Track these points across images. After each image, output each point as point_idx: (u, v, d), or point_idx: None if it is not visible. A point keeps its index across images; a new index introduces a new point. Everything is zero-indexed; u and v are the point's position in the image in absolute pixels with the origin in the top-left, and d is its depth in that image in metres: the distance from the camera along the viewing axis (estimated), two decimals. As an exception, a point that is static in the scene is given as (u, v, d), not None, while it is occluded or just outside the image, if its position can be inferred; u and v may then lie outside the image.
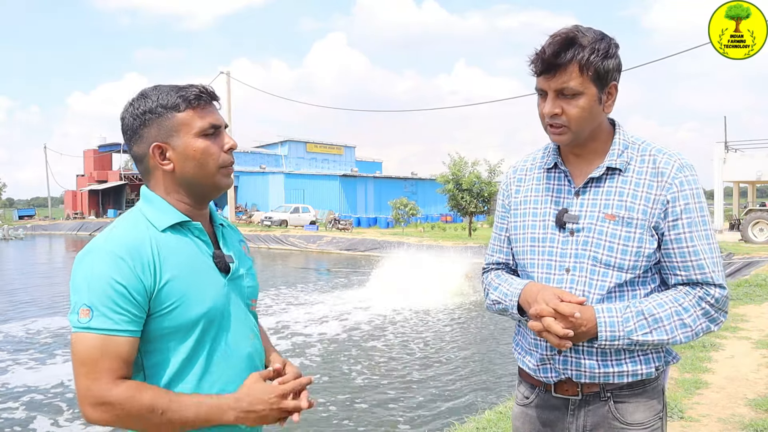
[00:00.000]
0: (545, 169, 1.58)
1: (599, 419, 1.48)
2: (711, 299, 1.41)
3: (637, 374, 1.46)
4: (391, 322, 11.13)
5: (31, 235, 39.86)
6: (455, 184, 25.47)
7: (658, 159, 1.46)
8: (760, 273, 11.74)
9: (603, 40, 1.40)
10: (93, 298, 1.20)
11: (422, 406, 6.63)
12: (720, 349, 5.82)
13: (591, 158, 1.51)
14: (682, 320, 1.40)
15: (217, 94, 1.38)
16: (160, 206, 1.32)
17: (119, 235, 1.26)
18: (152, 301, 1.23)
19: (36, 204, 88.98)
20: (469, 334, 10.45)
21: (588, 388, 1.48)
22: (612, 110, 1.48)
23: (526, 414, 1.60)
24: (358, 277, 16.78)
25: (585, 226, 1.47)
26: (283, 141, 46.21)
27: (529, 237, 1.55)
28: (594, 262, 1.45)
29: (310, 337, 9.87)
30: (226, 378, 1.31)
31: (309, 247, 27.03)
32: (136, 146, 1.34)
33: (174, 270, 1.26)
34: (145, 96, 1.33)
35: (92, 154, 51.95)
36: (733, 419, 3.97)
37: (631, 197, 1.44)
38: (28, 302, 13.33)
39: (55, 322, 10.84)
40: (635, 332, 1.38)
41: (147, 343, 1.26)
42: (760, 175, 23.87)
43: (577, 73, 1.38)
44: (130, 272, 1.21)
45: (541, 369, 1.53)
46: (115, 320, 1.20)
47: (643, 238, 1.43)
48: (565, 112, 1.42)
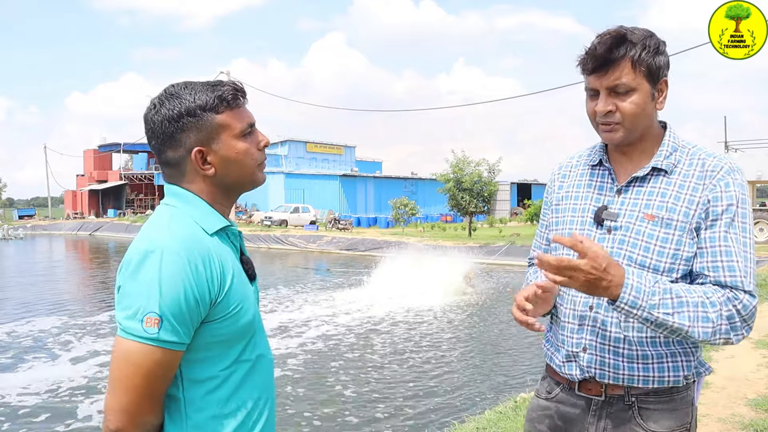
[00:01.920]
0: (590, 165, 1.56)
1: (621, 423, 1.44)
2: (739, 304, 1.34)
3: (664, 380, 1.42)
4: (390, 322, 11.12)
5: (31, 235, 39.84)
6: (456, 183, 25.45)
7: (707, 162, 1.43)
8: (760, 273, 11.74)
9: (652, 37, 1.40)
10: (164, 306, 1.12)
11: (421, 405, 6.63)
12: (720, 349, 5.82)
13: (638, 158, 1.48)
14: (707, 313, 1.32)
15: (245, 91, 1.32)
16: (205, 209, 1.26)
17: (187, 237, 1.17)
18: (214, 308, 1.18)
19: (36, 204, 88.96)
20: (469, 333, 10.45)
21: (612, 389, 1.45)
22: (664, 107, 1.46)
23: (545, 407, 1.57)
24: (357, 277, 16.78)
25: (623, 224, 1.44)
26: (283, 141, 46.19)
27: (566, 232, 1.52)
28: (629, 261, 1.42)
29: (310, 336, 9.88)
30: (260, 385, 1.30)
31: (309, 247, 27.03)
32: (171, 151, 1.24)
33: (232, 276, 1.22)
34: (177, 96, 1.24)
35: (92, 154, 51.95)
36: (733, 419, 3.97)
37: (673, 198, 1.41)
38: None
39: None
40: (657, 308, 1.30)
41: (193, 352, 1.19)
42: (760, 175, 23.87)
43: (629, 69, 1.37)
44: (203, 280, 1.15)
45: (566, 366, 1.51)
46: (181, 333, 1.14)
47: (681, 241, 1.39)
48: (619, 109, 1.40)
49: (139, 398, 1.14)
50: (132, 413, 1.14)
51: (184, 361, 1.19)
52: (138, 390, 1.13)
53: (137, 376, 1.13)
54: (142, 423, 1.16)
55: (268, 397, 1.32)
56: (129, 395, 1.13)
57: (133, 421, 1.14)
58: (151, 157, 51.56)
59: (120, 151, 51.09)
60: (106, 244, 31.76)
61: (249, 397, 1.27)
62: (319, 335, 10.04)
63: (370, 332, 10.36)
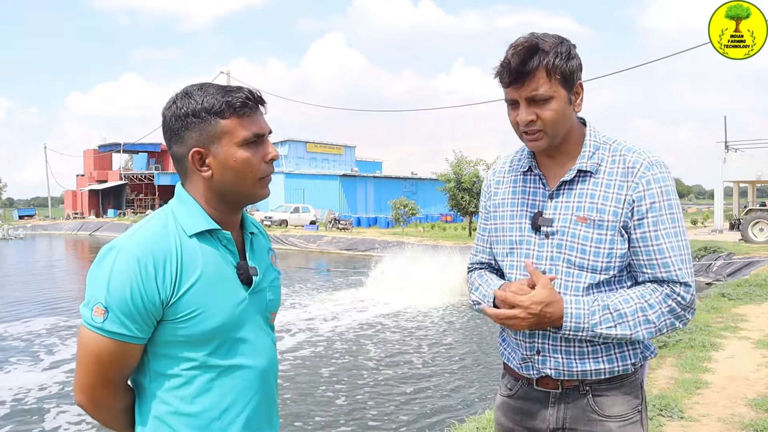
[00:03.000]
0: (521, 172, 1.61)
1: (578, 412, 1.52)
2: (678, 297, 1.43)
3: (614, 371, 1.50)
4: (389, 322, 11.13)
5: (31, 235, 39.85)
6: (456, 183, 25.47)
7: (627, 158, 1.47)
8: (760, 273, 11.74)
9: (563, 43, 1.43)
10: (110, 299, 1.18)
11: (420, 404, 6.63)
12: (720, 349, 5.82)
13: (564, 161, 1.53)
14: (647, 316, 1.42)
15: (264, 99, 1.31)
16: (193, 210, 1.28)
17: (146, 238, 1.22)
18: (167, 309, 1.21)
19: (36, 204, 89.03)
20: (468, 333, 10.45)
21: (568, 382, 1.53)
22: (581, 109, 1.51)
23: (508, 404, 1.65)
24: (357, 278, 16.78)
25: (558, 229, 1.50)
26: (283, 141, 46.19)
27: (507, 240, 1.59)
28: (568, 264, 1.49)
29: (311, 336, 9.88)
30: (237, 391, 1.28)
31: (309, 247, 27.04)
32: (177, 147, 1.28)
33: (195, 280, 1.22)
34: (189, 96, 1.26)
35: (92, 154, 51.97)
36: (733, 419, 3.97)
37: (601, 199, 1.47)
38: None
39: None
40: (599, 325, 1.42)
41: (157, 346, 1.24)
42: (760, 175, 23.85)
43: (545, 79, 1.41)
44: (151, 280, 1.18)
45: (524, 367, 1.59)
46: (128, 327, 1.19)
47: (614, 240, 1.46)
48: (539, 117, 1.44)
49: (93, 380, 1.23)
50: (88, 393, 1.25)
51: (151, 354, 1.25)
52: (91, 372, 1.23)
53: (88, 359, 1.22)
54: (99, 403, 1.26)
55: (245, 408, 1.29)
56: (84, 376, 1.24)
57: (90, 400, 1.26)
58: (151, 156, 51.59)
59: (120, 151, 51.11)
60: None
61: (218, 402, 1.26)
62: (319, 335, 10.04)
63: (369, 331, 10.37)
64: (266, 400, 1.36)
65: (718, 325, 6.95)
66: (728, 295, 9.09)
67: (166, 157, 49.70)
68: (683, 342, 6.01)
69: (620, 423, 1.51)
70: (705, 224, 32.77)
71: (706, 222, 34.17)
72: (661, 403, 4.15)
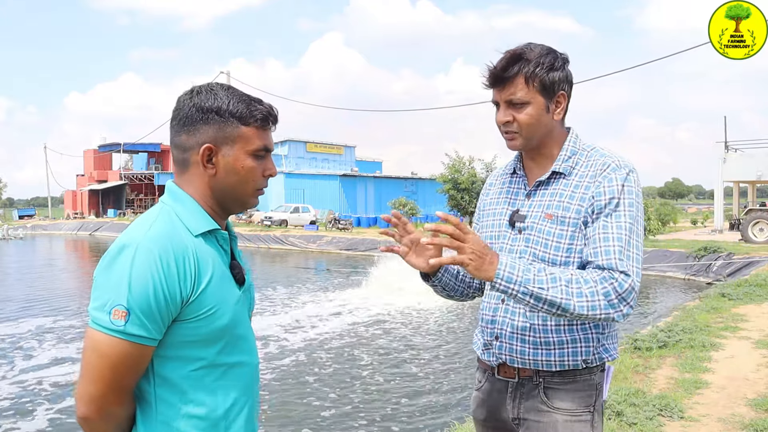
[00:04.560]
0: (509, 174, 1.75)
1: (531, 402, 1.61)
2: (614, 282, 1.45)
3: (564, 364, 1.58)
4: (389, 322, 11.13)
5: (31, 235, 39.85)
6: (453, 185, 25.47)
7: (598, 162, 1.58)
8: (760, 273, 11.73)
9: (549, 55, 1.55)
10: (132, 300, 1.14)
11: (419, 404, 6.63)
12: (720, 349, 5.83)
13: (544, 163, 1.65)
14: (580, 289, 1.44)
15: (278, 118, 1.35)
16: (193, 209, 1.28)
17: (162, 235, 1.19)
18: (186, 308, 1.20)
19: (36, 204, 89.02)
20: (466, 332, 10.44)
21: (523, 372, 1.62)
22: (561, 117, 1.61)
23: (478, 397, 1.76)
24: (357, 278, 16.78)
25: (529, 225, 1.61)
26: (283, 141, 46.19)
27: (488, 235, 1.72)
28: (533, 257, 1.59)
29: (312, 335, 9.89)
30: (237, 391, 1.30)
31: (309, 247, 27.03)
32: (186, 136, 1.28)
33: (210, 278, 1.23)
34: (214, 93, 1.29)
35: (92, 153, 51.97)
36: (733, 419, 3.97)
37: (568, 198, 1.57)
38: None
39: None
40: (532, 282, 1.42)
41: (166, 348, 1.21)
42: (760, 175, 23.86)
43: (523, 85, 1.54)
44: (173, 277, 1.16)
45: (485, 353, 1.70)
46: (148, 328, 1.16)
47: (574, 236, 1.55)
48: (516, 119, 1.57)
49: (106, 389, 1.17)
50: (99, 403, 1.17)
51: (156, 357, 1.21)
52: (105, 381, 1.16)
53: (104, 366, 1.16)
54: (108, 413, 1.19)
55: (245, 404, 1.31)
56: (96, 385, 1.17)
57: (99, 410, 1.18)
58: (151, 156, 51.60)
59: (120, 151, 51.10)
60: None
61: (222, 401, 1.27)
62: (318, 336, 10.04)
63: (368, 331, 10.36)
64: (257, 397, 1.40)
65: (718, 325, 6.95)
66: (728, 295, 9.10)
67: (166, 157, 49.72)
68: (683, 342, 6.01)
69: (567, 417, 1.57)
70: (705, 224, 32.79)
71: (706, 222, 34.18)
72: (661, 403, 4.16)
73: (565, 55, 1.59)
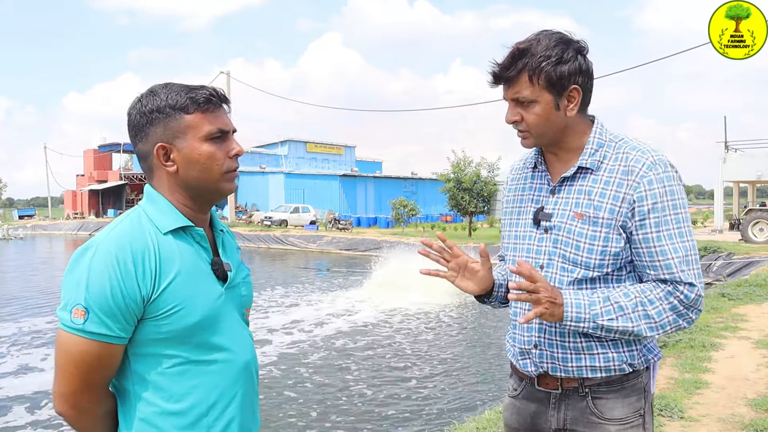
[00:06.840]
0: (530, 168, 1.64)
1: (578, 413, 1.52)
2: (680, 294, 1.42)
3: (610, 369, 1.50)
4: (388, 322, 11.13)
5: (31, 235, 39.84)
6: (456, 183, 25.44)
7: (630, 156, 1.46)
8: (760, 273, 11.73)
9: (557, 47, 1.42)
10: (90, 299, 1.16)
11: (419, 405, 6.63)
12: (720, 349, 5.82)
13: (567, 158, 1.54)
14: (646, 311, 1.41)
15: (227, 97, 1.35)
16: (164, 207, 1.29)
17: (122, 235, 1.22)
18: (148, 306, 1.21)
19: (36, 204, 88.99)
20: (466, 333, 10.45)
21: (567, 383, 1.53)
22: (575, 113, 1.47)
23: (514, 405, 1.66)
24: (357, 278, 16.78)
25: (556, 224, 1.51)
26: (283, 141, 46.19)
27: (513, 234, 1.64)
28: (563, 259, 1.50)
29: (314, 333, 9.89)
30: (223, 386, 1.29)
31: (309, 247, 27.03)
32: (141, 144, 1.30)
33: (174, 276, 1.23)
34: (154, 93, 1.30)
35: (92, 153, 51.90)
36: (733, 419, 3.97)
37: (599, 196, 1.46)
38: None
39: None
40: (601, 316, 1.41)
41: (138, 346, 1.23)
42: (760, 175, 23.84)
43: (527, 83, 1.44)
44: (131, 277, 1.18)
45: (522, 362, 1.60)
46: (109, 326, 1.18)
47: (609, 237, 1.45)
48: (524, 118, 1.48)
49: (74, 386, 1.21)
50: (71, 400, 1.22)
51: (132, 355, 1.24)
52: (72, 378, 1.20)
53: (70, 364, 1.20)
54: (82, 408, 1.23)
55: (231, 401, 1.31)
56: (65, 382, 1.21)
57: (73, 407, 1.23)
58: (151, 157, 51.34)
59: (120, 151, 51.05)
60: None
61: (204, 398, 1.27)
62: (318, 336, 10.04)
63: (368, 330, 10.37)
64: (249, 394, 1.37)
65: (718, 325, 6.95)
66: (728, 295, 9.09)
67: (166, 157, 49.49)
68: (683, 342, 6.01)
69: (620, 426, 1.50)
70: (705, 224, 32.76)
71: (706, 222, 34.16)
72: (661, 403, 4.15)
73: (580, 44, 1.46)
